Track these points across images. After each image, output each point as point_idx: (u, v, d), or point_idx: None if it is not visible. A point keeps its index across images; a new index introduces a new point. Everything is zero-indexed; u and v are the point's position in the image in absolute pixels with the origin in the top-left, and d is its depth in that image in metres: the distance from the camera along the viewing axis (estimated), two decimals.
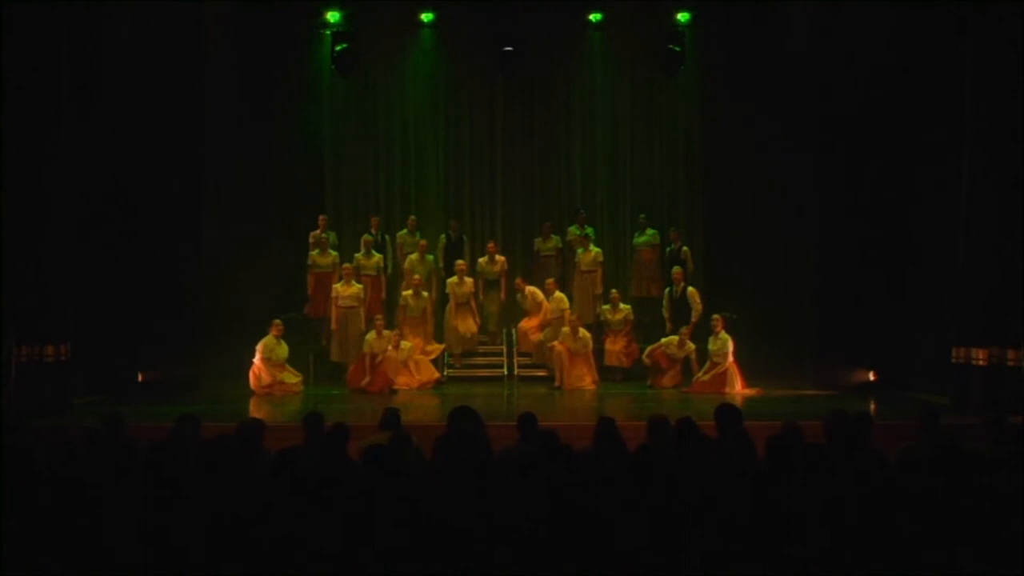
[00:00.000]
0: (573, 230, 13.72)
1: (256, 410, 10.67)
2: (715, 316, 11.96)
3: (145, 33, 11.49)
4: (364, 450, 5.04)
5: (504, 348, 12.70)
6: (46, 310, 9.96)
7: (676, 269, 12.65)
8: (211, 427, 6.34)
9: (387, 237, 13.53)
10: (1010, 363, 9.69)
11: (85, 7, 10.60)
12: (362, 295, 12.35)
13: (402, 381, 12.05)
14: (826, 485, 4.68)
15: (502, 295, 13.08)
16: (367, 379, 11.86)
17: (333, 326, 12.35)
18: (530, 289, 12.94)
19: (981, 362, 9.89)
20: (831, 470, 4.86)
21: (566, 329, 12.15)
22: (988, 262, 9.89)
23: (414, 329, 12.48)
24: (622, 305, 12.60)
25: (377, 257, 12.87)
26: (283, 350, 11.86)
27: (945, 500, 4.56)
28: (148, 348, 11.71)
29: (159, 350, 11.78)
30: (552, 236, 13.61)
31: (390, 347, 12.02)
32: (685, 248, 13.27)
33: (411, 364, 12.19)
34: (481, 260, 13.14)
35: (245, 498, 4.59)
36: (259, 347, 11.73)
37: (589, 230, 13.66)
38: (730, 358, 11.74)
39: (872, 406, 10.56)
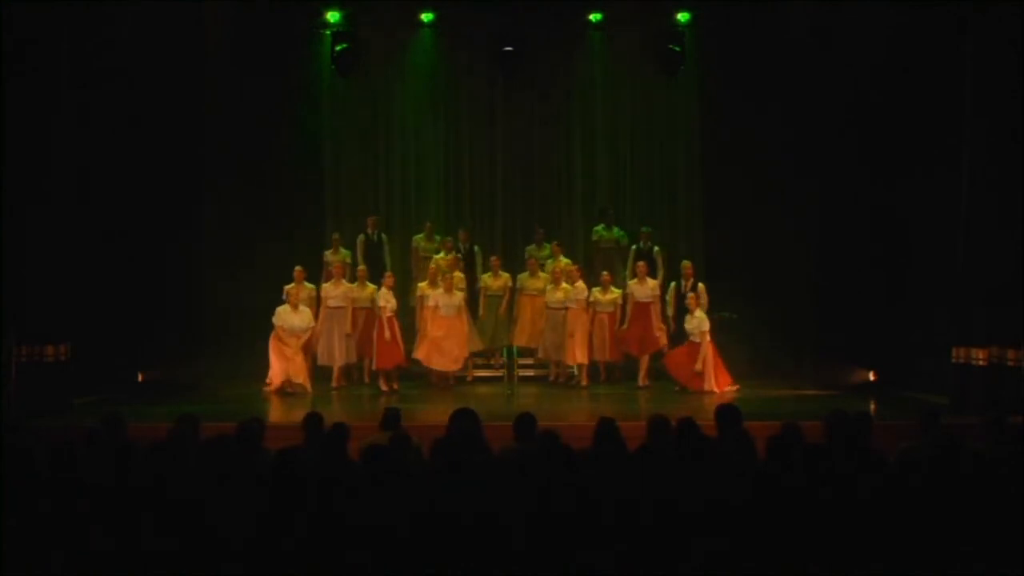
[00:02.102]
0: (599, 230, 13.51)
1: (265, 405, 10.76)
2: (691, 293, 11.80)
3: (145, 33, 11.49)
4: (364, 450, 5.05)
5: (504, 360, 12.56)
6: (46, 310, 9.96)
7: (685, 263, 12.36)
8: (211, 427, 6.34)
9: (384, 236, 13.42)
10: (1010, 363, 9.69)
11: (85, 7, 10.58)
12: (351, 295, 12.10)
13: (437, 346, 11.74)
14: (826, 485, 4.68)
15: (502, 310, 12.54)
16: (373, 353, 11.75)
17: (318, 327, 11.95)
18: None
19: (981, 362, 9.89)
20: (831, 470, 4.86)
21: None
22: (988, 262, 9.88)
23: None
24: (613, 288, 12.37)
25: (371, 288, 12.17)
26: (300, 318, 11.63)
27: (945, 500, 4.56)
28: (148, 348, 11.71)
29: (159, 350, 11.78)
30: (545, 244, 13.28)
31: (439, 290, 11.80)
32: (656, 248, 12.91)
33: (454, 337, 11.85)
34: (484, 276, 12.75)
35: (245, 498, 4.59)
36: (274, 318, 11.61)
37: (616, 231, 13.45)
38: (707, 338, 11.58)
39: (872, 406, 10.56)
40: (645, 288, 12.06)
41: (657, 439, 5.82)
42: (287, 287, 11.90)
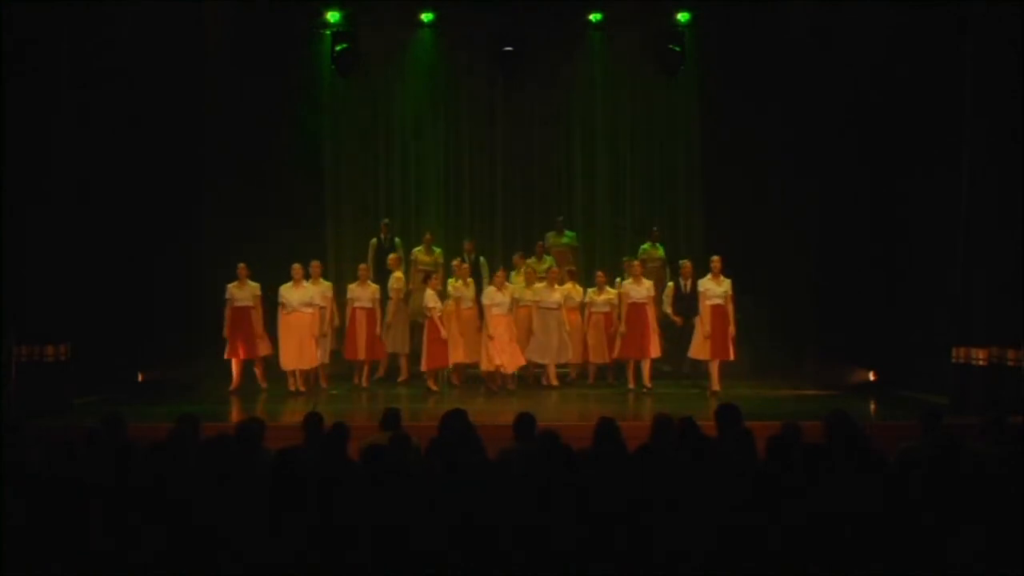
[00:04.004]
0: (646, 247, 13.27)
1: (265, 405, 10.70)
2: (714, 258, 11.60)
3: (145, 33, 11.48)
4: (364, 450, 5.05)
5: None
6: (46, 310, 9.96)
7: (685, 263, 12.21)
8: (211, 427, 6.34)
9: (398, 241, 13.26)
10: (1010, 363, 9.70)
11: (85, 7, 10.58)
12: (378, 295, 12.04)
13: (496, 350, 11.40)
14: (826, 485, 4.68)
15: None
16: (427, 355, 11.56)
17: (347, 329, 11.88)
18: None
19: (981, 362, 9.89)
20: (831, 470, 4.86)
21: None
22: (988, 262, 9.88)
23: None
24: (608, 288, 12.16)
25: (372, 288, 12.05)
26: (299, 293, 11.53)
27: (945, 500, 4.56)
28: (148, 348, 11.70)
29: (159, 350, 11.77)
30: (546, 257, 13.08)
31: (491, 288, 11.50)
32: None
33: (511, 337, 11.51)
34: (489, 289, 12.06)
35: (245, 498, 4.59)
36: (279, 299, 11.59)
37: (660, 249, 13.24)
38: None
39: (872, 406, 10.55)
40: (641, 288, 11.82)
41: (660, 438, 5.82)
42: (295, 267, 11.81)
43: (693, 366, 12.09)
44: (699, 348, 11.56)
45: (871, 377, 11.94)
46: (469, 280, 12.04)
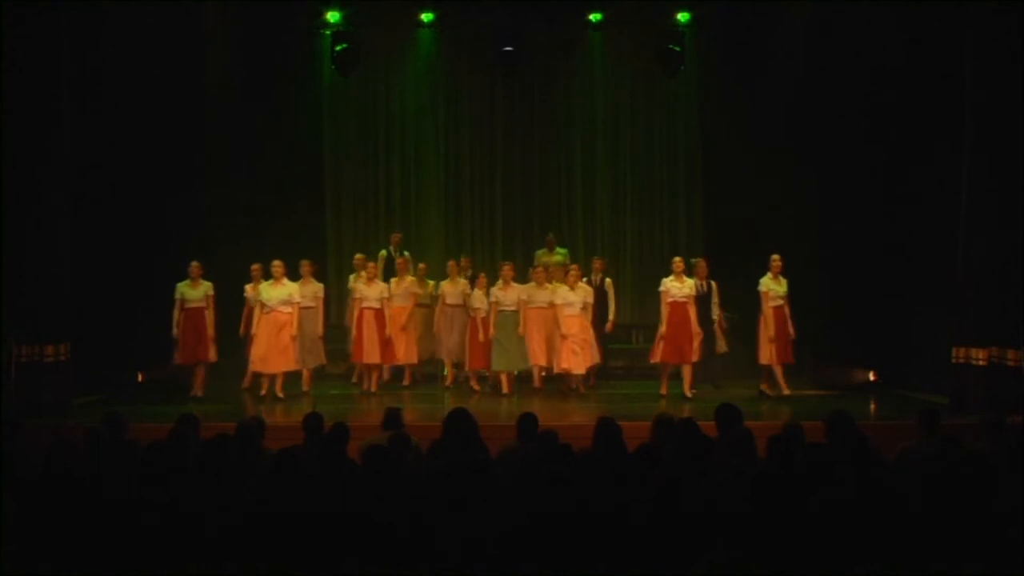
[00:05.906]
0: (540, 254, 13.08)
1: (265, 405, 10.69)
2: (774, 257, 11.29)
3: (145, 33, 11.49)
4: (364, 450, 5.05)
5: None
6: (46, 310, 9.96)
7: (699, 261, 11.82)
8: (211, 427, 6.34)
9: (407, 254, 12.95)
10: (1010, 363, 9.70)
11: (85, 7, 10.59)
12: (387, 294, 11.76)
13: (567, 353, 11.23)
14: (827, 485, 4.68)
15: (520, 329, 11.51)
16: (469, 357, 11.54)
17: (354, 333, 11.64)
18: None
19: (981, 362, 9.89)
20: (831, 470, 4.86)
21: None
22: (988, 262, 9.88)
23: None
24: (583, 284, 11.70)
25: (381, 287, 11.77)
26: (279, 290, 11.23)
27: (945, 500, 4.56)
28: (148, 348, 11.69)
29: (159, 350, 11.76)
30: (559, 249, 13.06)
31: (563, 288, 11.28)
32: (608, 280, 12.21)
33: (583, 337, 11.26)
34: (494, 288, 11.83)
35: (244, 498, 4.59)
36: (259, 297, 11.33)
37: (558, 252, 12.96)
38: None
39: (872, 406, 10.54)
40: (684, 286, 11.21)
41: (660, 438, 5.82)
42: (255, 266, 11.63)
43: (705, 370, 11.91)
44: (764, 352, 11.24)
45: (871, 377, 11.94)
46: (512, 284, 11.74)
